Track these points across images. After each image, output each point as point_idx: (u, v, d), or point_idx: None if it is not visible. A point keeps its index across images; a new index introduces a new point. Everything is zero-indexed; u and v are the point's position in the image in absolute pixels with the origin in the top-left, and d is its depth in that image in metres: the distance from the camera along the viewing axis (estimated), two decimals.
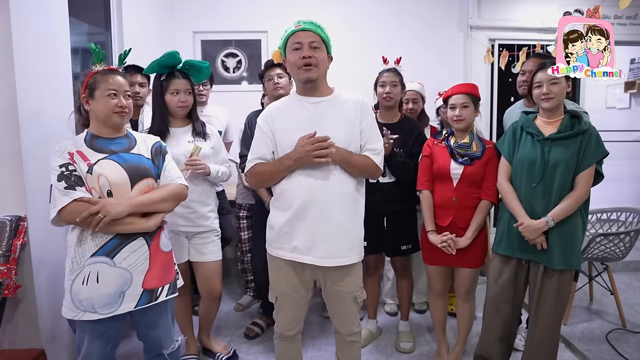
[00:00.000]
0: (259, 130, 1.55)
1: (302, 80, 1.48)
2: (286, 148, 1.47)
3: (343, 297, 1.54)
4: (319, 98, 1.51)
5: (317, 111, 1.49)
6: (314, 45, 1.45)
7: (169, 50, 1.82)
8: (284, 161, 1.46)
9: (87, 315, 1.33)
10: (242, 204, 2.67)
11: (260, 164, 1.53)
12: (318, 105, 1.50)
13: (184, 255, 1.91)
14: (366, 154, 1.51)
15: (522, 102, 2.30)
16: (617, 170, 4.18)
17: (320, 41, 1.47)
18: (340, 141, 1.44)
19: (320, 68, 1.47)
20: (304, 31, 1.45)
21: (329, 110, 1.49)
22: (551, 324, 1.70)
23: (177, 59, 1.84)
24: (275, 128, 1.51)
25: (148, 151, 1.51)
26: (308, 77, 1.45)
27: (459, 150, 1.86)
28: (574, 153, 1.62)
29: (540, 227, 1.62)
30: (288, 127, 1.49)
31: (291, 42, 1.47)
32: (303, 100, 1.52)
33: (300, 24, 1.47)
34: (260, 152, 1.53)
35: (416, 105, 2.53)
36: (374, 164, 1.50)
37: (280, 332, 1.61)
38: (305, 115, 1.49)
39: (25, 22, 1.69)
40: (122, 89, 1.43)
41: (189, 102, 1.88)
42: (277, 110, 1.55)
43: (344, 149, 1.45)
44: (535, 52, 3.02)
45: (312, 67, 1.44)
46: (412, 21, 3.68)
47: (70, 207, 1.30)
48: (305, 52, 1.44)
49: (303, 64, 1.44)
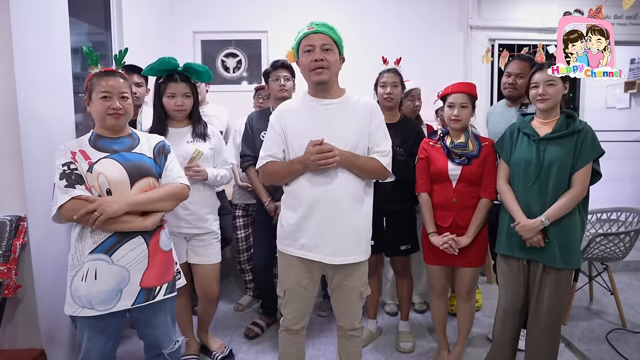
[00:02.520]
0: (272, 129, 1.57)
1: (314, 82, 1.51)
2: (296, 148, 1.50)
3: (349, 292, 1.58)
4: (330, 100, 1.53)
5: (328, 113, 1.52)
6: (325, 48, 1.47)
7: (164, 57, 1.81)
8: (295, 165, 1.49)
9: (85, 312, 1.35)
10: (237, 204, 2.67)
11: (272, 163, 1.56)
12: (329, 107, 1.53)
13: (182, 257, 1.91)
14: (373, 156, 1.53)
15: (504, 102, 2.31)
16: (617, 170, 4.18)
17: (332, 43, 1.49)
18: (348, 144, 1.48)
19: (331, 70, 1.49)
20: (316, 33, 1.47)
21: (339, 112, 1.52)
22: (551, 323, 1.70)
23: (172, 64, 1.82)
24: (286, 127, 1.54)
25: (150, 150, 1.51)
26: (320, 79, 1.48)
27: (456, 150, 1.86)
28: (569, 152, 1.62)
29: (536, 227, 1.63)
30: (299, 127, 1.52)
31: (304, 44, 1.49)
32: (314, 101, 1.54)
33: (313, 25, 1.49)
34: (272, 150, 1.56)
35: (420, 102, 2.54)
36: (381, 165, 1.53)
37: (287, 326, 1.64)
38: (316, 117, 1.52)
39: (25, 22, 1.68)
40: (116, 91, 1.43)
41: (186, 106, 1.86)
42: (288, 111, 1.57)
43: (349, 152, 1.47)
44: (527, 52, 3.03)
45: (324, 69, 1.47)
46: (412, 21, 3.68)
47: (69, 204, 1.32)
48: (317, 54, 1.46)
49: (315, 67, 1.47)
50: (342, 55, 1.56)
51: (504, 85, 2.23)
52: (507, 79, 2.20)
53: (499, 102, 2.40)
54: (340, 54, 1.54)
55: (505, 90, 2.24)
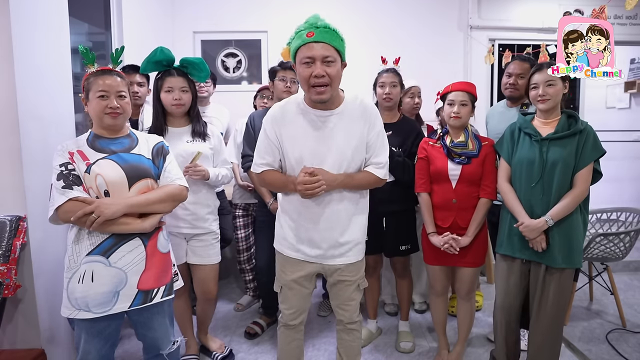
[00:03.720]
0: (265, 135, 1.50)
1: (314, 100, 1.41)
2: (292, 160, 1.48)
3: (347, 285, 1.59)
4: (328, 112, 1.44)
5: (326, 125, 1.44)
6: (327, 60, 1.33)
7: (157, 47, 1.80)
8: (289, 185, 1.47)
9: (82, 314, 1.34)
10: (237, 204, 2.66)
11: (269, 173, 1.53)
12: (328, 119, 1.44)
13: (181, 257, 1.90)
14: (369, 168, 1.51)
15: (504, 102, 2.30)
16: (617, 170, 4.18)
17: (335, 53, 1.35)
18: (346, 157, 1.46)
19: (333, 86, 1.37)
20: (317, 42, 1.32)
21: (337, 124, 1.44)
22: (554, 323, 1.71)
23: (167, 54, 1.80)
24: (282, 135, 1.48)
25: (149, 151, 1.50)
26: (320, 99, 1.38)
27: (456, 149, 1.85)
28: (571, 152, 1.62)
29: (540, 227, 1.63)
30: (295, 138, 1.46)
31: (303, 54, 1.34)
32: (311, 112, 1.45)
33: (313, 30, 1.33)
34: (268, 158, 1.52)
35: (420, 100, 2.54)
36: (376, 178, 1.52)
37: (285, 322, 1.65)
38: (314, 129, 1.45)
39: (25, 22, 1.68)
40: (113, 90, 1.41)
41: (184, 100, 1.84)
42: (283, 118, 1.47)
43: (343, 175, 1.46)
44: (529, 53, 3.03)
45: (326, 87, 1.35)
46: (412, 21, 3.68)
47: (66, 206, 1.31)
48: (318, 69, 1.33)
49: (315, 84, 1.35)
50: (345, 61, 1.43)
51: (505, 86, 2.23)
52: (508, 79, 2.20)
53: (498, 102, 2.39)
54: (342, 61, 1.41)
55: (506, 91, 2.24)
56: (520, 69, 2.16)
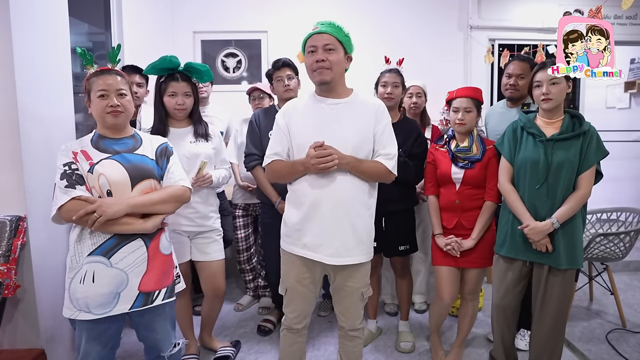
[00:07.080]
0: (277, 127, 1.58)
1: (316, 82, 1.51)
2: (299, 147, 1.51)
3: (351, 293, 1.58)
4: (336, 100, 1.53)
5: (333, 113, 1.51)
6: (328, 48, 1.46)
7: (166, 55, 1.81)
8: (296, 166, 1.49)
9: (82, 315, 1.33)
10: (238, 204, 2.66)
11: (277, 162, 1.56)
12: (335, 107, 1.52)
13: (186, 255, 1.91)
14: (378, 159, 1.52)
15: (504, 102, 2.30)
16: (617, 170, 4.18)
17: (336, 43, 1.47)
18: (351, 145, 1.47)
19: (334, 70, 1.47)
20: (320, 34, 1.47)
21: (345, 112, 1.51)
22: (557, 323, 1.71)
23: (173, 62, 1.82)
24: (290, 125, 1.54)
25: (153, 152, 1.51)
26: (320, 79, 1.48)
27: (460, 154, 1.87)
28: (575, 153, 1.61)
29: (546, 229, 1.62)
30: (302, 126, 1.53)
31: (308, 45, 1.49)
32: (320, 100, 1.54)
33: (317, 25, 1.48)
34: (277, 148, 1.56)
35: (420, 100, 2.53)
36: (385, 169, 1.52)
37: (288, 325, 1.64)
38: (321, 116, 1.52)
39: (25, 22, 1.68)
40: (112, 88, 1.41)
41: (187, 105, 1.86)
42: (294, 109, 1.58)
43: (352, 157, 1.46)
44: (527, 52, 3.03)
45: (325, 70, 1.46)
46: (412, 21, 3.68)
47: (69, 205, 1.31)
48: (319, 55, 1.46)
49: (316, 67, 1.47)
50: (349, 54, 1.54)
51: (505, 87, 2.22)
52: (508, 80, 2.19)
53: (498, 102, 2.39)
54: (346, 53, 1.52)
55: (506, 92, 2.23)
56: (520, 69, 2.15)
